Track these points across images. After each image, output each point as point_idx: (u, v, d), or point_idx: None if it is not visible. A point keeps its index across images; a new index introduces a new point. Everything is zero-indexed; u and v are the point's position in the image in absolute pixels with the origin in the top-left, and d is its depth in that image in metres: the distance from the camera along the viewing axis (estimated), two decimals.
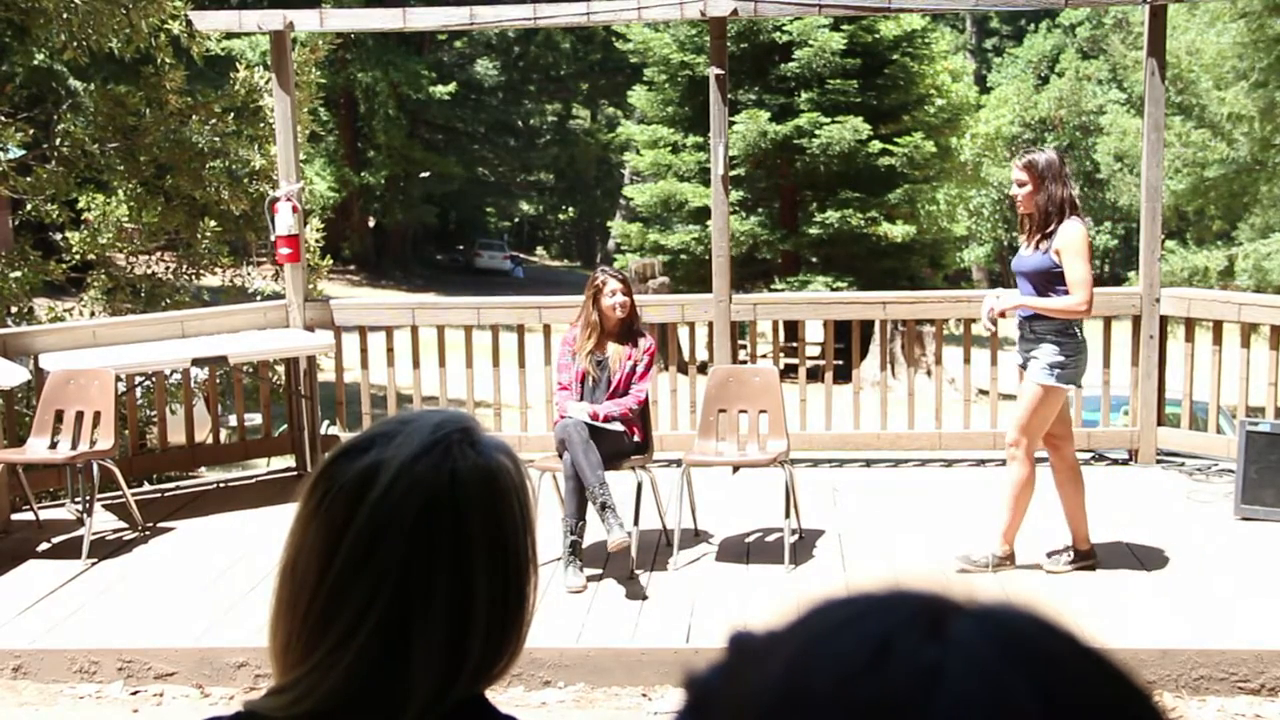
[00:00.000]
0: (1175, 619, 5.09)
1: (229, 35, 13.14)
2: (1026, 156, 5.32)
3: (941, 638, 0.52)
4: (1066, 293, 5.24)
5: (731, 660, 0.57)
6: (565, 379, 5.88)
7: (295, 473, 7.73)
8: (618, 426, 5.76)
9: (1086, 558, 5.62)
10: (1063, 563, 5.62)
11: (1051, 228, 5.23)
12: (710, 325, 7.54)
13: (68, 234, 9.67)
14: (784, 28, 22.30)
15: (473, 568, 1.14)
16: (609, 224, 33.77)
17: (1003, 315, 5.41)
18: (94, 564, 6.08)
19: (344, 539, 1.13)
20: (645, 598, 5.44)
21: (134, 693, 4.98)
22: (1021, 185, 5.31)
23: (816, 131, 21.84)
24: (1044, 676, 0.51)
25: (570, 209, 51.18)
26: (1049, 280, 5.25)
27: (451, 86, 36.51)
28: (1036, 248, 5.28)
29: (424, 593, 1.12)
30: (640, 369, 5.87)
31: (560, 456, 5.63)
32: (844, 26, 22.39)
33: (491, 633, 1.15)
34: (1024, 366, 5.41)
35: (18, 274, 9.32)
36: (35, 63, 14.15)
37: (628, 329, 5.87)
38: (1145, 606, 5.22)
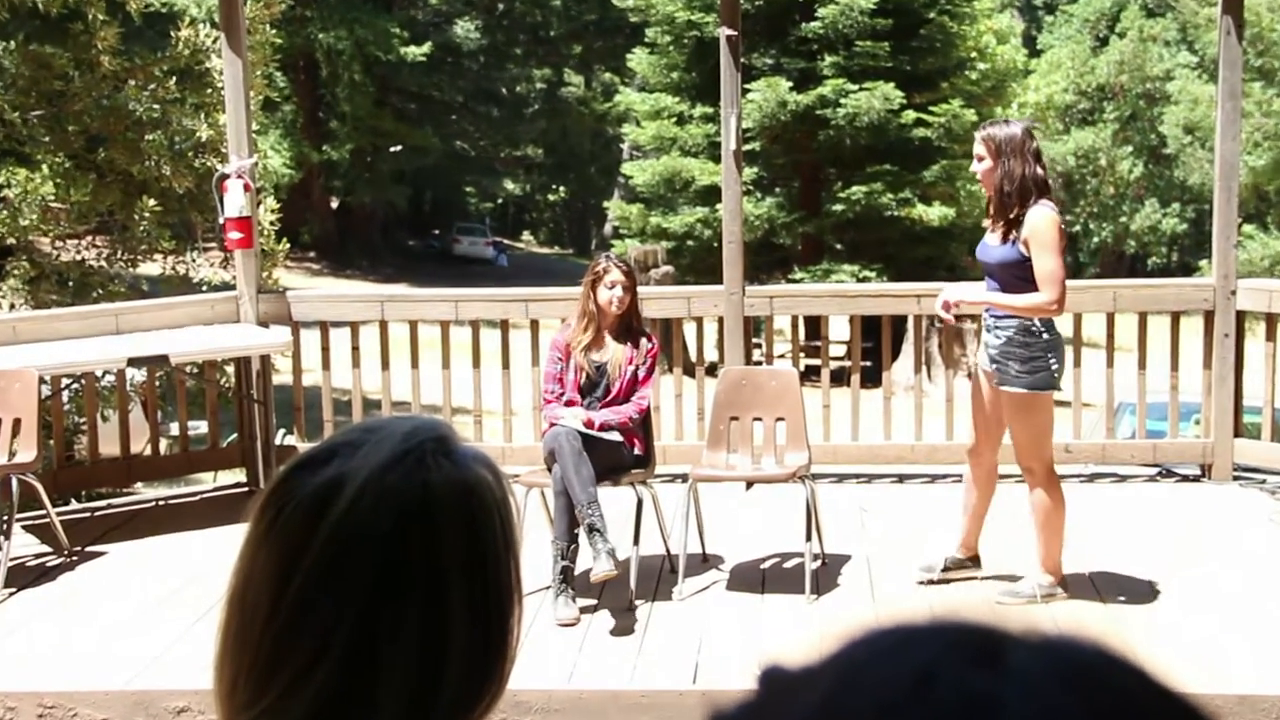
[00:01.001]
0: (1255, 660, 5.07)
1: None
2: (986, 129, 5.47)
3: (996, 667, 0.54)
4: (1030, 287, 5.33)
5: (762, 697, 0.58)
6: (553, 390, 5.88)
7: (246, 489, 7.73)
8: (615, 436, 5.77)
9: (972, 565, 5.86)
10: (937, 572, 5.81)
11: (1015, 213, 5.32)
12: (720, 321, 7.53)
13: None
14: None
15: (448, 595, 1.13)
16: (605, 205, 33.84)
17: (956, 307, 5.57)
18: (12, 594, 6.06)
19: (301, 562, 1.12)
20: (646, 632, 5.43)
21: None
22: (979, 160, 5.44)
23: (842, 100, 21.87)
24: (1111, 713, 0.52)
25: (561, 189, 51.25)
26: (1018, 274, 5.34)
27: (426, 48, 36.54)
28: (1005, 237, 5.36)
29: (393, 623, 1.11)
30: (642, 374, 5.87)
31: (549, 470, 5.63)
32: None
33: (470, 670, 1.14)
34: (991, 369, 5.53)
35: None
36: None
37: (627, 326, 5.88)
38: (1220, 645, 5.20)
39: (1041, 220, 5.29)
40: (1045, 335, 5.37)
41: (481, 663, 1.15)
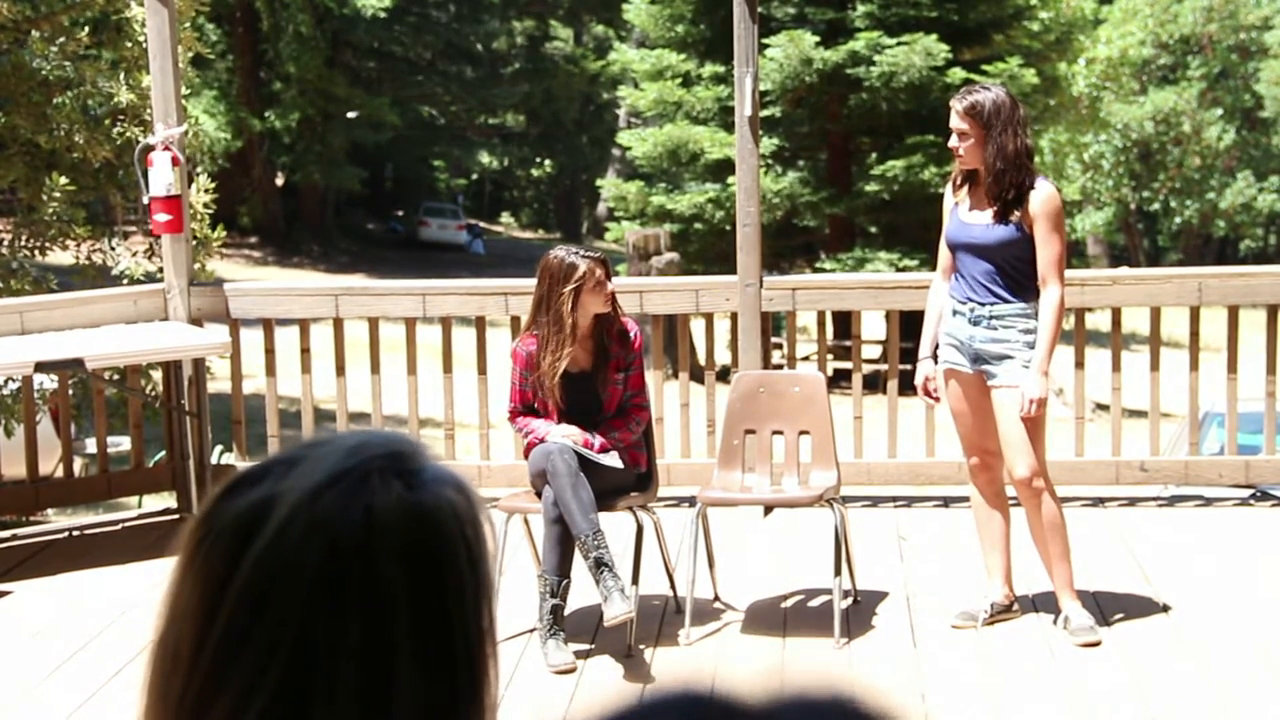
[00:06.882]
0: None
1: None
2: (968, 98, 5.61)
3: None
4: (1031, 270, 5.61)
5: None
6: (521, 407, 5.83)
7: (176, 516, 7.73)
8: (617, 461, 5.74)
9: (1010, 609, 5.94)
10: (981, 621, 5.85)
11: (1010, 193, 5.56)
12: (734, 317, 7.54)
13: None
14: None
15: (393, 640, 1.14)
16: (598, 182, 33.83)
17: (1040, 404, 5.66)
18: None
19: (224, 600, 1.13)
20: (648, 683, 5.44)
21: None
22: (963, 136, 5.60)
23: (877, 56, 21.86)
24: None
25: (547, 162, 51.22)
26: (1017, 255, 5.63)
27: None
28: (1002, 217, 5.58)
29: (327, 672, 1.12)
30: (634, 372, 5.82)
31: (538, 494, 5.61)
32: None
33: None
34: (976, 369, 5.72)
35: None
36: None
37: (601, 321, 5.83)
38: None
39: (1050, 199, 5.59)
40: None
41: (447, 717, 1.16)
